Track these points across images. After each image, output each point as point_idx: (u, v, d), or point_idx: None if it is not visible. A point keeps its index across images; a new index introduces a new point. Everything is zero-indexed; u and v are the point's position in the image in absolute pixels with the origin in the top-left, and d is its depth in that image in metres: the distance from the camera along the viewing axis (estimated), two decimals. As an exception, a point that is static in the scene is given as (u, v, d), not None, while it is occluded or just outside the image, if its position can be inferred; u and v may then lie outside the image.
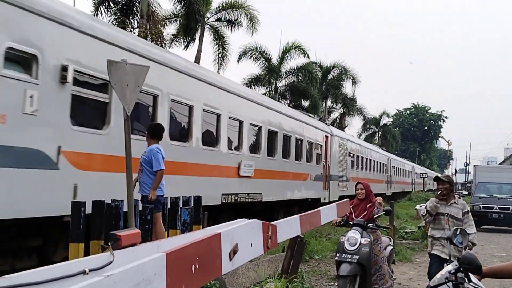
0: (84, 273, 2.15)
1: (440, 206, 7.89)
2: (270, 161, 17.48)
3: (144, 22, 22.74)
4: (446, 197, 7.90)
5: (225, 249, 2.81)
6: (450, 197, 7.92)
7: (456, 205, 7.87)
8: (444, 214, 7.80)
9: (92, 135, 9.20)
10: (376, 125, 70.09)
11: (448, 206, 7.85)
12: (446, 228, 7.69)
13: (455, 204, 7.88)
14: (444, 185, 7.88)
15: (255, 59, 36.26)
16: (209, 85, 13.38)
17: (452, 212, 7.77)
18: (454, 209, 7.82)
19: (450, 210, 7.80)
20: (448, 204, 7.87)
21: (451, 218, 7.74)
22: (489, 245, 18.76)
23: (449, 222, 7.74)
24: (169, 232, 9.02)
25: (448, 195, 7.91)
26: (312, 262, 12.62)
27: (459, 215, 7.75)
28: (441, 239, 7.71)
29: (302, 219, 4.31)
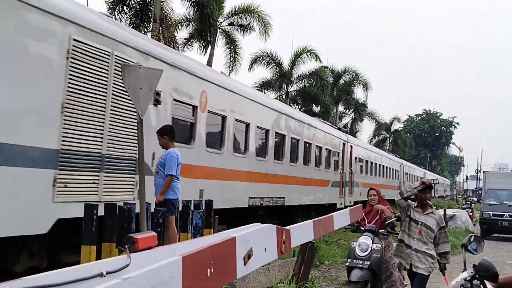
0: (102, 276, 2.16)
1: (416, 213, 7.35)
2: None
3: (157, 26, 22.84)
4: (423, 205, 7.40)
5: (240, 253, 2.81)
6: (427, 206, 7.40)
7: (433, 215, 7.32)
8: (419, 222, 7.26)
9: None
10: (387, 131, 69.85)
11: (425, 215, 7.30)
12: (416, 238, 7.22)
13: (432, 214, 7.33)
14: (430, 193, 7.48)
15: (266, 64, 36.30)
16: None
17: (427, 222, 7.23)
18: (430, 219, 7.28)
19: (426, 219, 7.27)
20: (425, 213, 7.32)
21: (425, 228, 7.21)
22: (501, 252, 18.62)
23: (422, 232, 7.21)
24: (180, 235, 9.03)
25: (427, 204, 7.41)
26: (323, 267, 12.58)
27: (434, 227, 7.23)
28: (406, 246, 7.31)
29: (316, 224, 4.30)
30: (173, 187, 8.86)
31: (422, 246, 7.11)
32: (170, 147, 8.98)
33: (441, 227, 7.27)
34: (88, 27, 8.23)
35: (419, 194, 7.22)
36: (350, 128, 51.85)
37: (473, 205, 34.37)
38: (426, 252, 7.09)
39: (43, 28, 7.39)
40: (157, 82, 7.63)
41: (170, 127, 9.59)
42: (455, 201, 63.57)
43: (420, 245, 7.13)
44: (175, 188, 8.88)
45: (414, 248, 7.15)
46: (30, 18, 7.15)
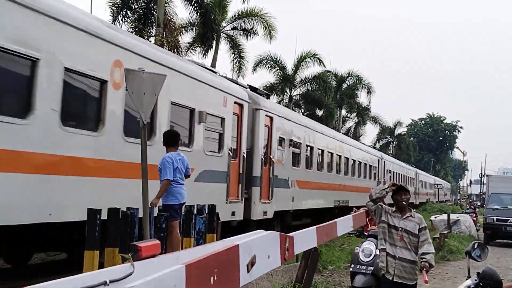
0: (105, 284, 2.16)
1: (394, 218, 6.84)
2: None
3: (160, 30, 22.89)
4: (402, 209, 6.90)
5: (243, 261, 2.81)
6: (406, 209, 6.89)
7: (413, 219, 6.82)
8: (398, 228, 6.73)
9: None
10: (390, 135, 69.75)
11: (404, 220, 6.79)
12: (399, 245, 6.68)
13: (412, 218, 6.83)
14: (406, 195, 6.89)
15: (270, 68, 36.34)
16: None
17: (407, 227, 6.72)
18: (410, 223, 6.77)
19: (405, 224, 6.74)
20: (403, 218, 6.81)
21: (406, 234, 6.69)
22: (505, 257, 18.56)
23: (403, 238, 6.71)
24: (183, 240, 9.02)
25: (404, 207, 6.89)
26: (326, 273, 12.56)
27: (415, 230, 6.72)
28: (389, 256, 6.72)
29: (319, 231, 4.30)
30: (174, 192, 8.79)
31: (407, 255, 6.63)
32: (168, 151, 8.98)
33: (421, 228, 6.81)
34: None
35: (395, 197, 6.85)
36: (353, 132, 51.83)
37: (477, 210, 34.18)
38: (411, 260, 6.63)
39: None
40: (161, 87, 7.65)
41: (167, 132, 9.61)
42: (459, 205, 63.41)
43: (405, 253, 6.64)
44: (176, 193, 8.79)
45: (398, 257, 6.65)
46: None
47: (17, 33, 7.40)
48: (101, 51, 9.16)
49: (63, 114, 8.13)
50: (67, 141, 8.26)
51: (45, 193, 7.85)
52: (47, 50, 7.82)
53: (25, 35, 7.51)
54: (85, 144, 8.71)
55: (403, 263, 6.60)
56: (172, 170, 8.68)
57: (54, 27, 8.03)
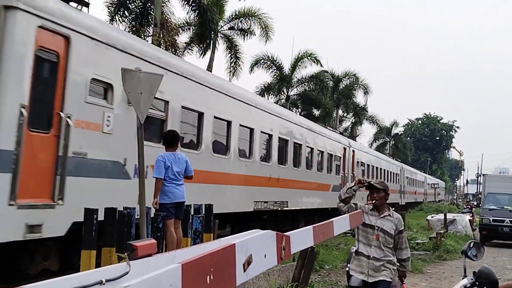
0: (101, 283, 2.15)
1: (371, 217, 6.58)
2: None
3: (157, 30, 22.87)
4: (379, 208, 6.64)
5: (239, 260, 2.80)
6: (384, 208, 6.64)
7: (391, 218, 6.57)
8: (375, 227, 6.49)
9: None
10: (387, 135, 69.86)
11: (381, 219, 6.54)
12: (373, 244, 6.45)
13: (389, 217, 6.57)
14: (379, 193, 6.59)
15: (266, 68, 36.36)
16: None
17: (384, 226, 6.47)
18: (387, 222, 6.52)
19: (382, 223, 6.50)
20: (381, 216, 6.56)
21: (382, 233, 6.44)
22: (501, 257, 18.61)
23: (379, 238, 6.46)
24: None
25: (382, 206, 6.64)
26: (323, 272, 12.58)
27: (392, 232, 6.48)
28: (362, 256, 6.53)
29: (315, 230, 4.29)
30: (165, 191, 8.86)
31: (380, 254, 6.39)
32: (167, 151, 9.04)
33: (399, 231, 6.55)
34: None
35: (369, 195, 6.67)
36: (350, 132, 51.87)
37: (473, 210, 34.22)
38: (384, 259, 6.38)
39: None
40: (158, 87, 7.66)
41: (165, 133, 9.63)
42: (456, 205, 63.56)
43: (378, 253, 6.40)
44: (167, 192, 8.86)
45: (372, 257, 6.41)
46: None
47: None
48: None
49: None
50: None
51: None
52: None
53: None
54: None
55: (375, 263, 6.40)
56: (163, 169, 8.75)
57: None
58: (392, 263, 6.47)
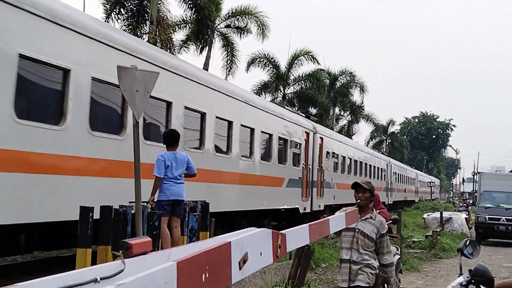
0: (96, 281, 2.14)
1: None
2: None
3: (154, 28, 22.83)
4: (362, 209, 6.21)
5: (235, 258, 2.80)
6: (367, 209, 6.29)
7: (372, 221, 6.20)
8: (356, 230, 6.13)
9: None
10: (384, 133, 69.98)
11: (362, 221, 6.18)
12: (354, 248, 6.13)
13: (371, 220, 6.22)
14: (365, 193, 6.26)
15: (263, 66, 36.35)
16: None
17: (365, 229, 6.13)
18: (368, 226, 6.17)
19: (363, 226, 6.15)
20: (362, 219, 6.19)
21: (362, 236, 6.10)
22: (497, 255, 18.65)
23: (359, 241, 6.12)
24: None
25: (366, 207, 6.28)
26: (319, 270, 12.59)
27: (373, 235, 6.12)
28: (344, 262, 6.22)
29: (312, 228, 4.28)
30: (162, 189, 9.00)
31: (359, 257, 6.09)
32: (168, 151, 9.14)
33: (381, 235, 6.18)
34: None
35: (355, 195, 6.32)
36: (346, 130, 51.92)
37: (469, 208, 34.26)
38: (362, 263, 6.07)
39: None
40: (153, 84, 7.63)
41: (165, 132, 9.68)
42: (452, 203, 63.70)
43: (357, 256, 6.11)
44: (164, 190, 9.00)
45: (352, 261, 6.12)
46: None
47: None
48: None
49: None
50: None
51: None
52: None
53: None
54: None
55: (352, 266, 6.11)
56: (163, 167, 8.89)
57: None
58: (371, 267, 6.11)
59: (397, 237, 11.28)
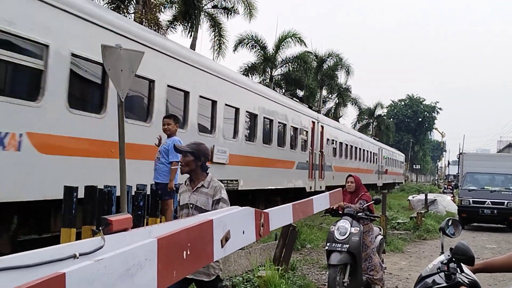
0: (75, 257, 2.13)
1: (185, 194, 5.09)
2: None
3: (139, 7, 22.61)
4: (191, 178, 5.11)
5: (217, 236, 2.80)
6: (198, 175, 5.05)
7: (205, 189, 5.00)
8: (189, 205, 5.01)
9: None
10: (370, 116, 70.20)
11: (194, 193, 5.02)
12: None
13: (204, 188, 5.00)
14: (186, 157, 5.00)
15: (251, 48, 36.21)
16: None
17: (198, 202, 4.96)
18: (201, 197, 4.98)
19: (196, 198, 4.99)
20: (194, 190, 5.03)
21: (197, 212, 4.78)
22: (480, 236, 18.84)
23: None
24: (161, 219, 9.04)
25: (195, 174, 5.06)
26: (304, 251, 12.67)
27: (208, 207, 4.91)
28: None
29: (295, 208, 4.30)
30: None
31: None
32: (175, 135, 9.10)
33: (216, 201, 4.94)
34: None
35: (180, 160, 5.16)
36: (333, 113, 52.01)
37: (454, 191, 34.43)
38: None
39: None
40: (138, 64, 7.57)
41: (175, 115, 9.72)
42: (437, 185, 64.21)
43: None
44: (176, 175, 9.00)
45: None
46: None
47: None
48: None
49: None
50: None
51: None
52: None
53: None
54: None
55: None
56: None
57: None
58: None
59: (379, 217, 11.36)
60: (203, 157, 5.03)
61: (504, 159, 32.02)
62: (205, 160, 5.07)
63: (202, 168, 5.06)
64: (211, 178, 5.08)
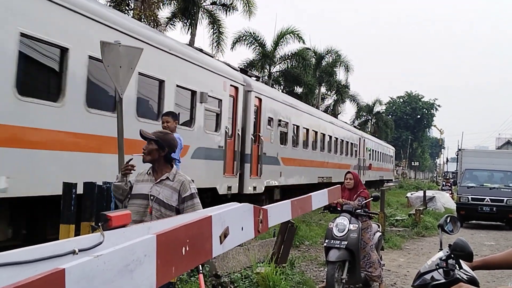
0: (74, 253, 2.14)
1: (145, 184, 4.82)
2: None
3: (138, 4, 22.57)
4: (154, 168, 4.84)
5: (215, 232, 2.81)
6: (162, 168, 4.81)
7: (170, 182, 4.73)
8: (150, 196, 4.71)
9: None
10: (369, 113, 70.19)
11: (157, 184, 4.75)
12: (146, 220, 4.54)
13: (169, 180, 4.74)
14: (150, 145, 4.77)
15: (249, 45, 36.15)
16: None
17: (161, 195, 4.69)
18: (165, 190, 4.70)
19: (158, 190, 4.71)
20: (158, 181, 4.77)
21: (157, 205, 4.67)
22: (479, 233, 18.87)
23: (153, 212, 4.66)
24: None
25: (158, 165, 4.80)
26: (303, 248, 12.68)
27: (172, 201, 4.68)
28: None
29: (294, 204, 4.30)
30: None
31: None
32: (175, 132, 9.08)
33: (184, 198, 4.70)
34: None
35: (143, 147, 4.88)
36: (332, 110, 51.99)
37: (453, 187, 34.40)
38: None
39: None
40: (137, 60, 7.56)
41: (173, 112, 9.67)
42: (435, 182, 64.27)
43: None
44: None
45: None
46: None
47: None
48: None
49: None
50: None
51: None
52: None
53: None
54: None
55: None
56: (179, 150, 8.91)
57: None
58: None
59: (377, 214, 11.38)
60: (167, 147, 4.79)
61: (503, 156, 31.80)
62: (170, 151, 4.85)
63: (166, 159, 4.83)
64: (176, 171, 4.88)
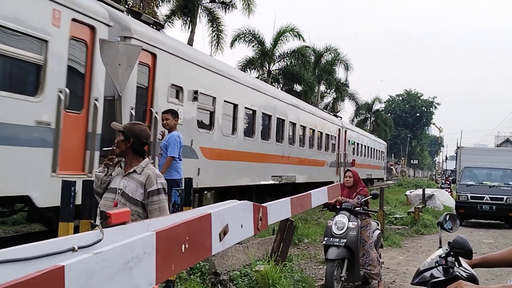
0: (73, 250, 2.14)
1: (116, 176, 4.63)
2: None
3: (137, 1, 22.56)
4: (125, 161, 4.66)
5: (215, 230, 2.80)
6: (130, 161, 4.60)
7: (137, 175, 4.52)
8: (117, 190, 4.52)
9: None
10: (368, 111, 70.23)
11: (125, 177, 4.56)
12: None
13: (136, 173, 4.53)
14: (118, 136, 4.59)
15: (248, 42, 36.12)
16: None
17: (127, 189, 4.49)
18: (131, 183, 4.51)
19: (125, 184, 4.51)
20: (125, 174, 4.57)
21: (123, 199, 4.46)
22: (478, 232, 18.88)
23: (118, 205, 4.42)
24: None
25: (127, 157, 4.62)
26: (302, 246, 12.68)
27: (138, 195, 4.47)
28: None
29: (293, 202, 4.30)
30: (176, 168, 9.17)
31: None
32: (175, 129, 9.11)
33: (149, 193, 4.47)
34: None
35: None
36: (331, 108, 51.99)
37: (452, 185, 34.37)
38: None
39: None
40: (136, 58, 7.57)
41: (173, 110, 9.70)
42: (434, 181, 64.29)
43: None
44: (178, 169, 9.19)
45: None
46: None
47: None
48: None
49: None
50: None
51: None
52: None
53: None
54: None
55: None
56: (178, 148, 8.96)
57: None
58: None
59: (377, 212, 11.39)
60: (133, 138, 4.52)
61: (502, 154, 31.70)
62: (137, 142, 4.57)
63: (134, 150, 4.56)
64: (146, 164, 4.62)
